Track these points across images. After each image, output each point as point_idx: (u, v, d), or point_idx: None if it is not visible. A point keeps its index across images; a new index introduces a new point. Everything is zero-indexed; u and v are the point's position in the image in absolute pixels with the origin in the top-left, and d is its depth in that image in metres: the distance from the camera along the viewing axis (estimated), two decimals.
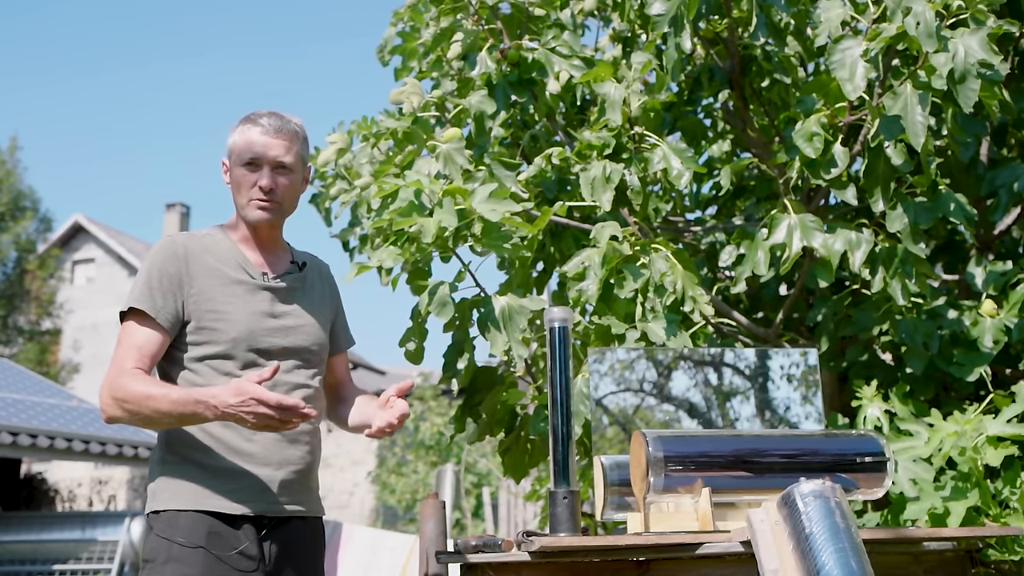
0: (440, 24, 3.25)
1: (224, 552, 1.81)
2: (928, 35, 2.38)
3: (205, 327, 1.91)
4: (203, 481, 1.86)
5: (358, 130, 3.39)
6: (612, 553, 1.70)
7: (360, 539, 5.60)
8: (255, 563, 1.84)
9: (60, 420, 8.82)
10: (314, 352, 2.02)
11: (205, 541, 1.81)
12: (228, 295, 1.93)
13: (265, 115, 1.98)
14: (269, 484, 1.88)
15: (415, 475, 11.52)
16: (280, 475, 1.90)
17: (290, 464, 1.92)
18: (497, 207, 2.48)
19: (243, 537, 1.84)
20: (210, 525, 1.83)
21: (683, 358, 2.14)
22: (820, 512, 1.60)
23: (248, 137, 1.96)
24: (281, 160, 1.96)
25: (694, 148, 3.52)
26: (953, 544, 1.92)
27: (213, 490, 1.85)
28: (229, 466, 1.87)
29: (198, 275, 1.93)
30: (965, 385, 2.88)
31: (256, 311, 1.94)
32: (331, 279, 2.17)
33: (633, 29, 3.29)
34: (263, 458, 1.89)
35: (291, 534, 1.92)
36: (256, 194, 1.95)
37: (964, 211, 2.72)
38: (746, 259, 2.78)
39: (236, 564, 1.81)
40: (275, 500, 1.89)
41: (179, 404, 1.78)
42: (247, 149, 1.95)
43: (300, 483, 1.95)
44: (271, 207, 1.96)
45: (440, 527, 2.22)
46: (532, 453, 2.87)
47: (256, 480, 1.87)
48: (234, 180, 1.98)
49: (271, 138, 1.95)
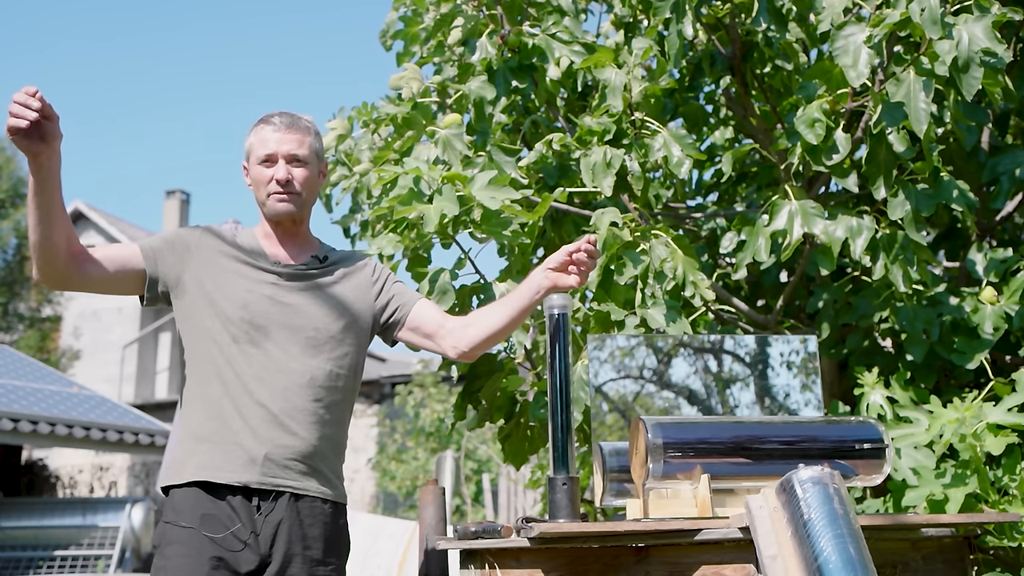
0: (441, 9, 3.23)
1: (217, 533, 1.87)
2: (933, 22, 2.36)
3: (205, 298, 2.00)
4: (196, 454, 1.94)
5: (358, 116, 3.38)
6: (611, 539, 1.70)
7: (360, 525, 5.62)
8: (246, 545, 1.88)
9: (61, 407, 8.84)
10: (332, 336, 2.04)
11: (199, 523, 1.88)
12: (230, 271, 2.03)
13: (276, 114, 2.09)
14: (255, 457, 1.92)
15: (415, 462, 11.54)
16: (266, 449, 1.93)
17: (276, 441, 1.95)
18: (497, 194, 2.48)
19: (235, 518, 1.89)
20: (203, 505, 1.89)
21: (683, 345, 2.14)
22: (818, 498, 1.60)
23: (262, 136, 2.07)
24: (294, 153, 2.05)
25: (695, 134, 3.51)
26: (952, 531, 1.92)
27: (203, 461, 1.92)
28: (219, 437, 1.94)
29: (205, 251, 2.05)
30: (965, 372, 2.88)
31: (255, 289, 2.02)
32: (366, 266, 2.17)
33: (635, 15, 3.27)
34: (252, 433, 1.94)
35: (289, 512, 1.93)
36: (273, 187, 2.05)
37: (966, 198, 2.71)
38: (747, 246, 2.77)
39: (228, 545, 1.87)
40: (263, 473, 1.92)
41: None
42: (261, 146, 2.06)
43: (291, 461, 1.96)
44: (290, 199, 2.05)
45: (440, 513, 2.22)
46: (532, 440, 2.87)
47: (244, 452, 1.92)
48: (253, 179, 2.09)
49: (283, 133, 2.06)
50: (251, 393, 1.95)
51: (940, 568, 1.90)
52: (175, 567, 1.85)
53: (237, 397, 1.95)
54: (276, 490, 1.93)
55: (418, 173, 2.56)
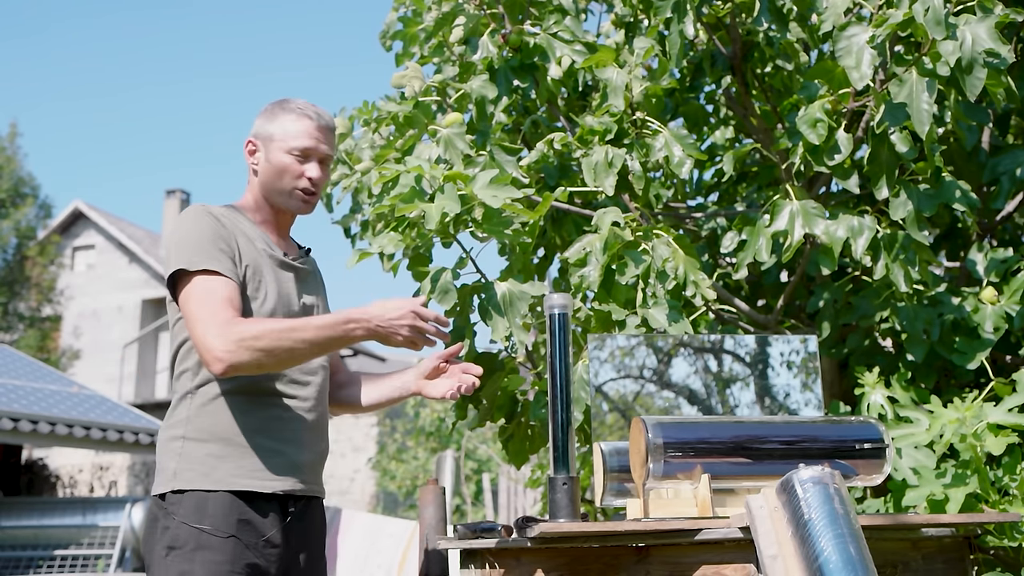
0: (442, 8, 3.23)
1: (253, 540, 1.79)
2: (936, 22, 2.36)
3: (247, 295, 1.87)
4: (232, 459, 1.81)
5: (359, 115, 3.37)
6: (611, 539, 1.70)
7: (360, 525, 5.62)
8: (279, 550, 1.83)
9: (61, 406, 8.84)
10: None
11: (236, 529, 1.77)
12: (266, 268, 1.92)
13: (312, 107, 1.99)
14: (298, 463, 1.88)
15: (415, 461, 11.54)
16: (307, 455, 1.90)
17: (315, 445, 1.93)
18: (498, 193, 2.48)
19: (270, 524, 1.82)
20: (239, 511, 1.79)
21: (683, 345, 2.14)
22: (819, 498, 1.60)
23: (303, 127, 1.95)
24: (329, 155, 2.00)
25: (696, 134, 3.51)
26: (952, 530, 1.92)
27: (243, 468, 1.81)
28: (260, 443, 1.84)
29: (241, 243, 1.90)
30: (966, 372, 2.88)
31: (285, 288, 1.95)
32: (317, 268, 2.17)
33: (635, 14, 3.27)
34: (293, 437, 1.88)
35: (311, 516, 1.93)
36: (303, 184, 1.96)
37: (967, 198, 2.71)
38: (747, 246, 2.77)
39: (262, 552, 1.80)
40: (303, 480, 1.89)
41: (327, 327, 1.77)
42: (301, 138, 1.94)
43: (320, 465, 1.97)
44: (313, 200, 1.99)
45: (440, 513, 2.22)
46: (532, 439, 2.87)
47: (287, 458, 1.86)
48: (276, 164, 1.95)
49: (324, 133, 1.98)
50: (290, 394, 1.89)
51: (940, 568, 1.90)
52: (206, 573, 1.74)
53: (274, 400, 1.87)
54: (308, 496, 1.91)
55: (420, 172, 2.56)
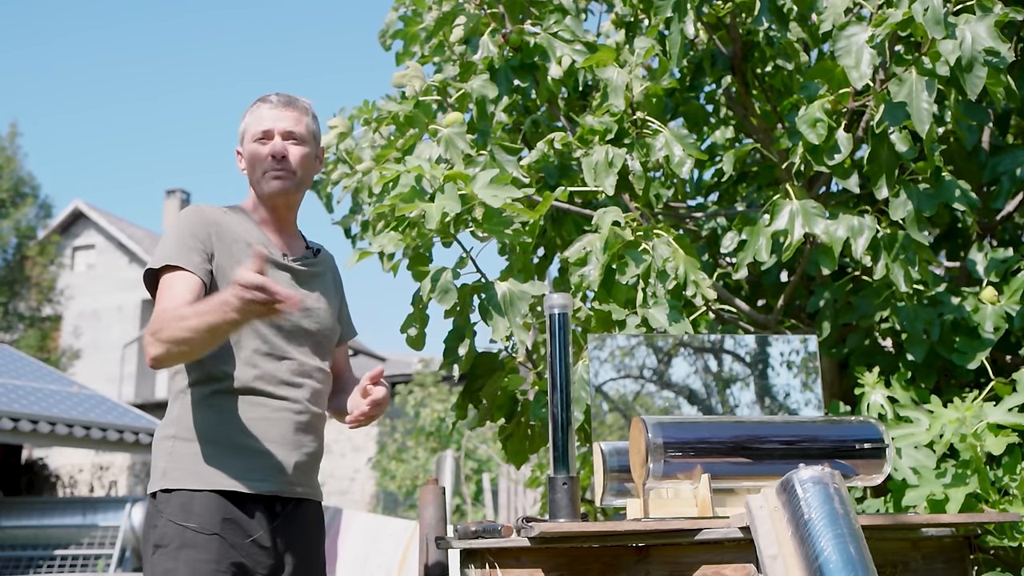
0: (442, 8, 3.23)
1: (238, 540, 1.79)
2: (936, 22, 2.36)
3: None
4: (219, 459, 1.82)
5: (359, 115, 3.37)
6: (611, 539, 1.70)
7: (360, 525, 5.62)
8: (266, 552, 1.82)
9: (61, 406, 8.84)
10: (327, 337, 2.02)
11: (220, 528, 1.77)
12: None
13: (274, 94, 2.00)
14: (285, 465, 1.87)
15: (415, 461, 11.54)
16: (295, 457, 1.89)
17: (304, 447, 1.91)
18: (499, 192, 2.48)
19: (256, 525, 1.82)
20: (225, 510, 1.79)
21: (683, 345, 2.14)
22: (819, 498, 1.60)
23: (258, 114, 1.97)
24: (291, 130, 1.96)
25: (696, 134, 3.51)
26: (952, 530, 1.92)
27: (230, 468, 1.81)
28: (247, 444, 1.84)
29: (226, 243, 1.89)
30: (966, 372, 2.88)
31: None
32: (337, 269, 2.17)
33: (636, 14, 3.27)
34: (281, 439, 1.87)
35: (301, 518, 1.92)
36: (269, 164, 1.94)
37: (967, 198, 2.71)
38: (747, 245, 2.77)
39: (248, 551, 1.80)
40: (290, 481, 1.88)
41: (207, 312, 1.68)
42: (257, 123, 1.96)
43: (310, 467, 1.95)
44: (285, 175, 1.94)
45: (440, 513, 2.22)
46: (532, 439, 2.87)
47: (273, 460, 1.85)
48: (248, 158, 1.97)
49: (280, 110, 1.96)
50: (280, 396, 1.88)
51: (940, 568, 1.90)
52: (190, 571, 1.75)
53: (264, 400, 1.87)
54: (297, 497, 1.90)
55: (420, 171, 2.56)
